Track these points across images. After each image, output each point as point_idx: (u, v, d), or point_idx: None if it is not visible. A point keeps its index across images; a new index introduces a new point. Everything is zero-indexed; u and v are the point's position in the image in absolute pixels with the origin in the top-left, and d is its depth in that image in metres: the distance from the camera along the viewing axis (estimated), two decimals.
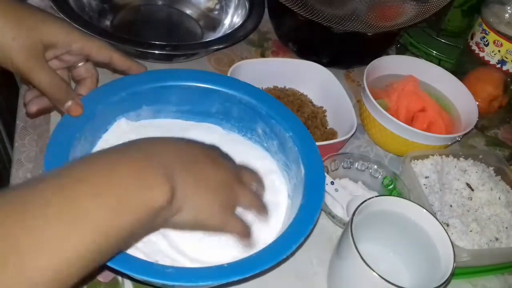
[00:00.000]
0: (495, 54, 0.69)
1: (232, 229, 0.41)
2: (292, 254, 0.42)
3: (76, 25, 0.61)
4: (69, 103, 0.46)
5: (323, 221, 0.55)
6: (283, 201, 0.51)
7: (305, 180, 0.47)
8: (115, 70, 0.52)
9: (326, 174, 0.51)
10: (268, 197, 0.51)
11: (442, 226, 0.46)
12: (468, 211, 0.56)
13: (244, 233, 0.42)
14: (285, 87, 0.67)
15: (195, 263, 0.43)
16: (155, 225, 0.36)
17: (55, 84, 0.45)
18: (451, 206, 0.55)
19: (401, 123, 0.59)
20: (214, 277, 0.38)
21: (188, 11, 0.77)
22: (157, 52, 0.63)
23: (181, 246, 0.44)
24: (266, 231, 0.48)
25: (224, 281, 0.39)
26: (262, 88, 0.64)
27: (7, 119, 0.88)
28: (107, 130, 0.50)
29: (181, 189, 0.36)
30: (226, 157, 0.44)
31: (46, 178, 0.32)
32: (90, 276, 0.32)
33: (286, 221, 0.47)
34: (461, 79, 0.68)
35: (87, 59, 0.49)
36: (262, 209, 0.44)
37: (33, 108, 0.48)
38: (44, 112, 0.52)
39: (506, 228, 0.55)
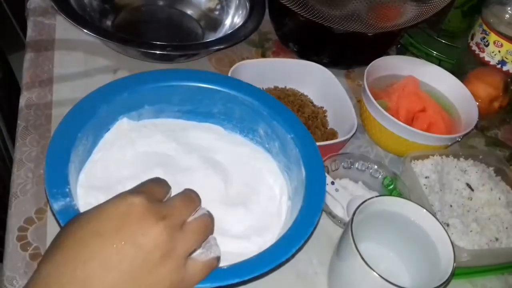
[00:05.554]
0: (495, 55, 0.69)
1: (199, 277, 0.37)
2: (293, 255, 0.42)
3: (77, 25, 0.61)
4: None
5: (324, 221, 0.55)
6: (284, 203, 0.51)
7: (306, 183, 0.47)
8: None
9: (326, 174, 0.51)
10: (269, 199, 0.52)
11: (442, 226, 0.46)
12: (468, 211, 0.56)
13: (212, 265, 0.38)
14: (285, 87, 0.67)
15: None
16: None
17: None
18: (451, 206, 0.56)
19: (401, 123, 0.59)
20: (214, 279, 0.38)
21: (189, 12, 0.77)
22: (158, 52, 0.63)
23: None
24: (267, 233, 0.48)
25: (224, 283, 0.39)
26: (262, 88, 0.64)
27: (8, 119, 0.88)
28: (109, 129, 0.50)
29: None
30: (143, 218, 0.33)
31: None
32: None
33: (287, 223, 0.47)
34: (461, 79, 0.68)
35: None
36: (209, 232, 0.38)
37: None
38: None
39: (506, 228, 0.55)
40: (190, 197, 0.38)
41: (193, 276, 0.36)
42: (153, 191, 0.36)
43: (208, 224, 0.38)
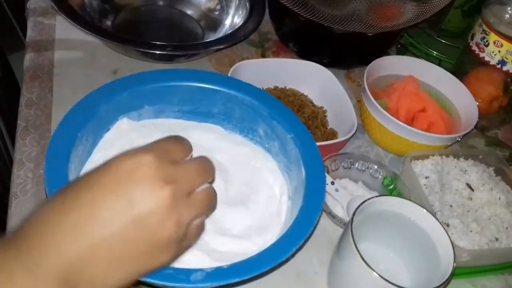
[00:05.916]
0: (495, 55, 0.69)
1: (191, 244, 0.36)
2: (293, 255, 0.42)
3: (77, 25, 0.61)
4: None
5: (324, 221, 0.55)
6: (284, 202, 0.51)
7: (306, 182, 0.47)
8: None
9: (326, 174, 0.51)
10: (269, 198, 0.52)
11: (442, 226, 0.46)
12: (468, 211, 0.56)
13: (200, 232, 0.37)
14: (285, 87, 0.67)
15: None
16: None
17: None
18: (451, 206, 0.56)
19: (401, 123, 0.59)
20: (214, 278, 0.38)
21: (189, 12, 0.77)
22: (158, 52, 0.63)
23: None
24: (267, 233, 0.48)
25: (223, 283, 0.39)
26: (262, 88, 0.64)
27: (8, 119, 0.88)
28: (109, 129, 0.51)
29: (88, 279, 0.31)
30: (147, 180, 0.32)
31: None
32: None
33: (287, 223, 0.47)
34: (461, 79, 0.68)
35: None
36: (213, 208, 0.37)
37: None
38: None
39: (506, 228, 0.55)
40: (206, 167, 0.36)
41: (189, 243, 0.35)
42: (170, 150, 0.34)
43: (213, 197, 0.36)
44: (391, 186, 0.58)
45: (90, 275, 0.31)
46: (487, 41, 0.69)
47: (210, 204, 0.36)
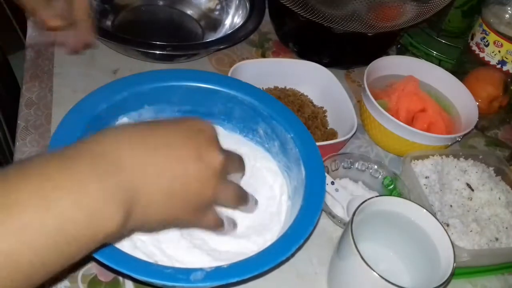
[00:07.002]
0: (495, 55, 0.69)
1: (205, 225, 0.42)
2: (292, 254, 0.42)
3: None
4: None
5: (324, 221, 0.55)
6: (284, 202, 0.51)
7: (305, 182, 0.47)
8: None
9: (326, 174, 0.51)
10: (269, 198, 0.52)
11: (442, 226, 0.46)
12: (468, 211, 0.56)
13: (216, 226, 0.42)
14: (285, 87, 0.67)
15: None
16: (109, 241, 0.35)
17: None
18: (451, 206, 0.56)
19: (401, 123, 0.59)
20: (213, 278, 0.38)
21: (189, 12, 0.78)
22: (158, 52, 0.63)
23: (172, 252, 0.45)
24: (266, 233, 0.48)
25: (223, 282, 0.39)
26: (262, 88, 0.64)
27: (8, 119, 0.88)
28: None
29: (143, 206, 0.34)
30: (212, 143, 0.38)
31: None
32: None
33: (287, 223, 0.47)
34: (461, 79, 0.68)
35: None
36: (241, 202, 0.43)
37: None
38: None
39: (506, 228, 0.55)
40: (243, 164, 0.44)
41: (207, 223, 0.41)
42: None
43: (242, 193, 0.43)
44: (391, 186, 0.58)
45: (147, 200, 0.34)
46: (487, 41, 0.69)
47: (242, 199, 0.43)
